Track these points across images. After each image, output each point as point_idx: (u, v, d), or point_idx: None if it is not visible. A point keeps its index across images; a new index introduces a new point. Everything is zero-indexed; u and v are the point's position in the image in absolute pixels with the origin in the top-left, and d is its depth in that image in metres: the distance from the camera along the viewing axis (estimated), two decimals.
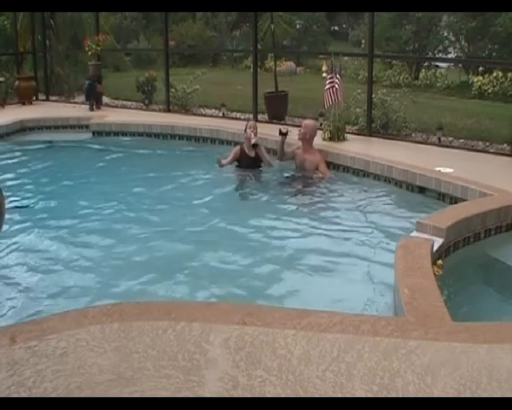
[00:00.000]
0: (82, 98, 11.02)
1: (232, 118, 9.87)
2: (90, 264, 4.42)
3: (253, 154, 6.79)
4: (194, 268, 4.34)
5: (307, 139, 6.69)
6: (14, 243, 4.75)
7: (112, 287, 4.03)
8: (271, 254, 4.60)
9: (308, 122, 6.88)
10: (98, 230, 5.16)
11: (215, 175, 6.77)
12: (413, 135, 8.42)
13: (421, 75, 15.74)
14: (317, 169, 6.57)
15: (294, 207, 5.82)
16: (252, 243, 4.83)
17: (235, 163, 6.89)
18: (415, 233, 4.22)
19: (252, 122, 7.01)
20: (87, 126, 9.26)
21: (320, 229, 5.09)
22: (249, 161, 6.78)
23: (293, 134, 6.88)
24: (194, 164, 7.09)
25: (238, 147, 6.97)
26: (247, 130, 6.79)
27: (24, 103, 11.16)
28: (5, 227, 4.27)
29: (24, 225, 5.26)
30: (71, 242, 4.89)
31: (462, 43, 16.90)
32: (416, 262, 3.57)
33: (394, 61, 16.35)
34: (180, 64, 17.94)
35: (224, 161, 6.82)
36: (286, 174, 6.71)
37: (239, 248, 4.70)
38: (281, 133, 6.72)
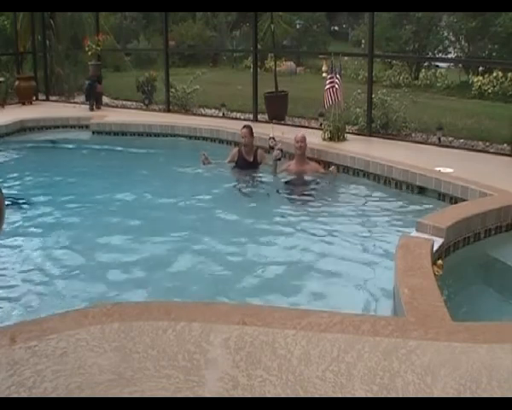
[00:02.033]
0: (82, 98, 11.03)
1: (232, 118, 9.87)
2: (89, 263, 4.42)
3: (251, 158, 6.76)
4: (193, 268, 4.34)
5: (304, 151, 6.65)
6: (14, 243, 4.75)
7: (112, 287, 4.03)
8: (270, 254, 4.60)
9: (304, 135, 6.73)
10: (98, 229, 5.16)
11: (215, 175, 6.77)
12: (413, 135, 8.42)
13: (421, 75, 15.73)
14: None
15: (294, 207, 5.83)
16: (251, 244, 4.83)
17: (233, 164, 6.87)
18: (415, 233, 4.22)
19: (244, 130, 6.82)
20: (87, 126, 9.27)
21: (319, 229, 5.09)
22: (246, 165, 6.76)
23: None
24: (193, 164, 7.08)
25: (236, 149, 6.91)
26: (241, 138, 6.76)
27: (24, 103, 11.16)
28: (5, 227, 4.26)
29: (23, 224, 5.27)
30: (70, 241, 4.90)
31: (462, 43, 16.90)
32: (416, 262, 3.57)
33: (394, 61, 16.35)
34: (180, 64, 17.93)
35: (211, 160, 6.85)
36: (285, 178, 6.64)
37: (238, 249, 4.70)
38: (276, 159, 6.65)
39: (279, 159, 6.63)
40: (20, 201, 5.85)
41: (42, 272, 4.28)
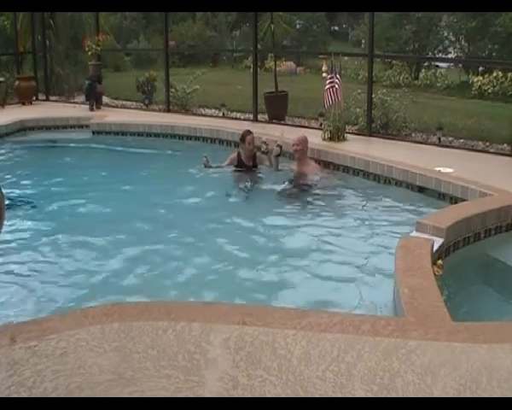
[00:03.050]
0: (82, 98, 11.04)
1: (232, 118, 9.87)
2: (89, 263, 4.42)
3: (250, 163, 6.70)
4: (193, 268, 4.34)
5: (305, 153, 6.60)
6: (14, 243, 4.75)
7: (112, 287, 4.03)
8: (270, 254, 4.60)
9: (303, 136, 6.68)
10: (98, 229, 5.15)
11: (215, 176, 6.76)
12: (413, 135, 8.42)
13: (421, 75, 15.73)
14: None
15: (293, 208, 5.81)
16: (251, 244, 4.83)
17: (232, 167, 6.80)
18: (415, 233, 4.22)
19: (250, 136, 6.67)
20: (87, 126, 9.27)
21: (319, 229, 5.09)
22: (246, 168, 6.70)
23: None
24: (193, 164, 7.07)
25: (235, 154, 6.80)
26: (247, 145, 6.63)
27: (24, 103, 11.16)
28: (5, 227, 4.26)
29: (23, 224, 5.27)
30: (70, 241, 4.90)
31: (462, 43, 16.90)
32: (416, 262, 3.57)
33: (394, 61, 16.35)
34: (180, 64, 17.93)
35: (210, 164, 6.76)
36: (284, 179, 6.53)
37: (238, 249, 4.70)
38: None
39: (278, 155, 6.60)
40: (20, 201, 5.85)
41: (42, 272, 4.28)
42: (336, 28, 29.54)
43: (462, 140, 8.14)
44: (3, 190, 3.27)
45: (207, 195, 6.11)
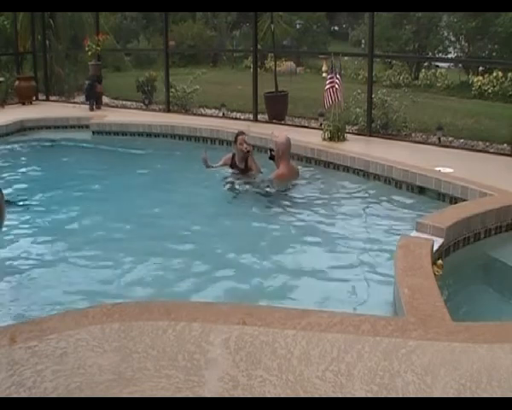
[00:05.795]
0: (82, 98, 11.05)
1: (232, 118, 9.87)
2: (89, 264, 4.41)
3: (242, 165, 6.64)
4: (192, 268, 4.34)
5: (280, 155, 6.26)
6: (14, 243, 4.75)
7: (112, 287, 4.03)
8: (269, 254, 4.60)
9: (279, 138, 6.39)
10: (97, 230, 5.16)
11: (214, 176, 6.74)
12: (413, 135, 8.43)
13: (421, 75, 15.75)
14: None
15: (292, 208, 5.80)
16: (250, 243, 4.82)
17: (226, 168, 6.70)
18: (415, 233, 4.22)
19: (242, 137, 6.55)
20: (87, 126, 9.27)
21: (318, 230, 5.09)
22: (239, 170, 6.67)
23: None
24: (193, 164, 7.07)
25: (230, 155, 6.71)
26: (239, 145, 6.50)
27: (24, 103, 11.17)
28: (5, 227, 4.28)
29: (23, 224, 5.27)
30: (71, 241, 4.89)
31: (462, 43, 16.92)
32: (416, 262, 3.57)
33: (394, 61, 16.36)
34: (180, 64, 17.93)
35: (210, 163, 6.68)
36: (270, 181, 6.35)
37: (238, 249, 4.70)
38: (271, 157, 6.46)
39: (270, 157, 6.43)
40: (20, 201, 5.85)
41: (41, 272, 4.28)
42: (336, 28, 29.51)
43: (462, 140, 8.15)
44: (3, 190, 3.27)
45: (206, 196, 6.11)
